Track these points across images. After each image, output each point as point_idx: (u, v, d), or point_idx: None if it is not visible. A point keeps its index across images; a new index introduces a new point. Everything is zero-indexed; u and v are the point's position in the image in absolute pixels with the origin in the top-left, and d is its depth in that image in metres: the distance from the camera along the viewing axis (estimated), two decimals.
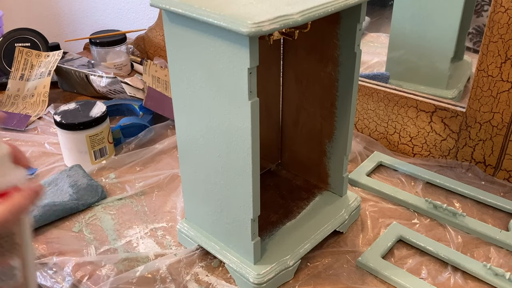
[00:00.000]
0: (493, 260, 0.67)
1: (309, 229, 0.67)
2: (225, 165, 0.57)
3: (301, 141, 0.76)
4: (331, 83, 0.66)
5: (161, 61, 1.24)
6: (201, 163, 0.61)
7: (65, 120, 0.82)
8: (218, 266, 0.65)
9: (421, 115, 0.87)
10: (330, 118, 0.69)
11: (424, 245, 0.68)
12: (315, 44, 0.66)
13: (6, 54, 1.16)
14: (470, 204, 0.78)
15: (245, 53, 0.47)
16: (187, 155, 0.63)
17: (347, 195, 0.74)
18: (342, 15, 0.61)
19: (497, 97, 0.78)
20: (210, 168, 0.60)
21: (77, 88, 1.14)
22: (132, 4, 1.38)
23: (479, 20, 0.93)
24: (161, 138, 0.95)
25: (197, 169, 0.62)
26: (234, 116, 0.52)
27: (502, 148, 0.81)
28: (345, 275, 0.64)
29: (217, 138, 0.56)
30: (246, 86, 0.49)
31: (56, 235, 0.72)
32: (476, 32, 0.94)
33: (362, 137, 0.95)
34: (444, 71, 0.93)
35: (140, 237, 0.71)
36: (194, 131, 0.59)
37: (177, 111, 0.61)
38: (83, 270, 0.65)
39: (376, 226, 0.73)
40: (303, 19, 0.48)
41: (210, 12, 0.48)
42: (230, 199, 0.59)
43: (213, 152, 0.58)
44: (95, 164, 0.86)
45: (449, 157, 0.87)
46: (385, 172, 0.86)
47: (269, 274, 0.60)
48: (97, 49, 1.16)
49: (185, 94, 0.58)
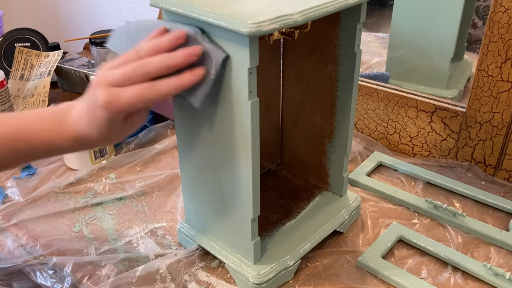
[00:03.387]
0: (493, 260, 0.66)
1: (309, 229, 0.67)
2: (225, 165, 0.57)
3: (301, 141, 0.76)
4: (331, 83, 0.66)
5: None
6: (201, 163, 0.61)
7: None
8: (218, 266, 0.65)
9: (421, 115, 0.87)
10: (330, 118, 0.69)
11: (424, 245, 0.68)
12: (315, 44, 0.66)
13: (6, 54, 1.16)
14: (470, 204, 0.78)
15: (245, 53, 0.47)
16: (187, 155, 0.63)
17: (347, 195, 0.73)
18: (342, 15, 0.61)
19: (497, 97, 0.78)
20: (210, 168, 0.60)
21: (77, 88, 1.14)
22: (132, 4, 1.38)
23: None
24: (161, 138, 0.95)
25: (197, 169, 0.62)
26: (234, 116, 0.52)
27: (502, 148, 0.81)
28: (345, 275, 0.64)
29: (217, 138, 0.56)
30: (246, 86, 0.49)
31: (56, 235, 0.72)
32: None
33: (362, 137, 0.95)
34: (444, 71, 0.93)
35: (140, 237, 0.71)
36: (194, 131, 0.59)
37: (177, 111, 0.61)
38: (83, 270, 0.65)
39: (376, 226, 0.73)
40: (303, 19, 0.48)
41: (210, 12, 0.48)
42: (230, 199, 0.59)
43: (213, 152, 0.58)
44: (95, 164, 0.86)
45: (449, 157, 0.87)
46: (385, 172, 0.86)
47: (269, 274, 0.60)
48: (97, 49, 1.16)
49: None
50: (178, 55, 0.49)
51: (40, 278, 0.66)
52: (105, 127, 0.51)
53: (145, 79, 0.49)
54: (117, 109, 0.50)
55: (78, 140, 0.53)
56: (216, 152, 0.58)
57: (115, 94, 0.49)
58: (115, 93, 0.49)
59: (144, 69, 0.49)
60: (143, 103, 0.50)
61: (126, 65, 0.50)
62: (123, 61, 0.51)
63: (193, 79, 0.49)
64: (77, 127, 0.53)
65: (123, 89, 0.49)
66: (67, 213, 0.76)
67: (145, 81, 0.49)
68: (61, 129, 0.53)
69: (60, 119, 0.54)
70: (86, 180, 0.84)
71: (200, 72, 0.49)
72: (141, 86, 0.49)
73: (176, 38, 0.50)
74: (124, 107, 0.49)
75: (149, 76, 0.49)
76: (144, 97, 0.49)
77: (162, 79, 0.49)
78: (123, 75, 0.49)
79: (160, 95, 0.50)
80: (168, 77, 0.49)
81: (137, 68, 0.49)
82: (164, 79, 0.49)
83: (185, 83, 0.49)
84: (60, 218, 0.75)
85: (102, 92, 0.49)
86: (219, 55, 0.50)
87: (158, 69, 0.49)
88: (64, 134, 0.53)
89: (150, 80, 0.49)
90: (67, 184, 0.82)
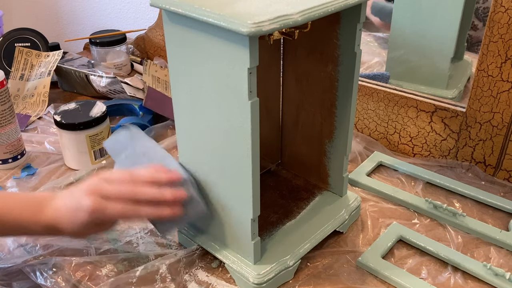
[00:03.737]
0: (493, 260, 0.66)
1: (309, 229, 0.67)
2: (225, 165, 0.57)
3: (301, 141, 0.76)
4: (331, 83, 0.66)
5: (161, 61, 1.24)
6: (201, 163, 0.61)
7: (65, 120, 0.82)
8: (218, 266, 0.65)
9: (421, 115, 0.87)
10: (330, 118, 0.69)
11: (424, 245, 0.68)
12: (315, 44, 0.66)
13: (6, 54, 1.16)
14: (470, 204, 0.78)
15: (245, 53, 0.47)
16: (187, 155, 0.63)
17: (347, 195, 0.73)
18: (342, 15, 0.61)
19: (497, 97, 0.78)
20: (210, 168, 0.60)
21: (77, 88, 1.14)
22: (132, 4, 1.38)
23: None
24: (161, 138, 0.95)
25: (197, 169, 0.62)
26: (234, 116, 0.52)
27: (502, 148, 0.81)
28: (345, 275, 0.64)
29: (217, 138, 0.56)
30: (246, 86, 0.49)
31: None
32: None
33: (362, 137, 0.94)
34: (444, 71, 0.93)
35: (140, 237, 0.71)
36: (194, 131, 0.59)
37: (177, 111, 0.61)
38: (83, 270, 0.65)
39: (376, 226, 0.73)
40: (303, 19, 0.48)
41: (210, 12, 0.48)
42: (230, 199, 0.59)
43: (213, 152, 0.58)
44: (95, 164, 0.86)
45: (449, 157, 0.87)
46: (385, 172, 0.86)
47: (269, 274, 0.60)
48: (97, 49, 1.16)
49: (185, 94, 0.58)
50: (168, 194, 0.56)
51: (40, 278, 0.66)
52: (81, 227, 0.57)
53: (131, 202, 0.56)
54: (100, 218, 0.56)
55: (51, 229, 0.59)
56: (216, 152, 0.58)
57: (103, 205, 0.55)
58: (103, 204, 0.55)
59: (136, 196, 0.56)
60: (123, 220, 0.61)
61: (122, 184, 0.57)
62: (119, 179, 0.57)
63: (170, 215, 0.57)
64: (54, 218, 0.58)
65: (112, 204, 0.56)
66: None
67: (131, 203, 0.56)
68: (38, 216, 0.58)
69: (40, 207, 0.59)
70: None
71: (178, 213, 0.57)
72: (126, 206, 0.56)
73: (173, 180, 0.58)
74: (107, 218, 0.56)
75: (137, 201, 0.56)
76: (126, 215, 0.57)
77: (145, 205, 0.57)
78: (116, 194, 0.56)
79: (139, 217, 0.60)
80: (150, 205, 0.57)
81: (131, 193, 0.56)
82: (148, 206, 0.57)
83: (163, 216, 0.57)
84: None
85: (93, 200, 0.55)
86: (200, 206, 0.59)
87: (147, 200, 0.56)
88: (39, 221, 0.58)
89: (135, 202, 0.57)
90: (67, 184, 0.82)
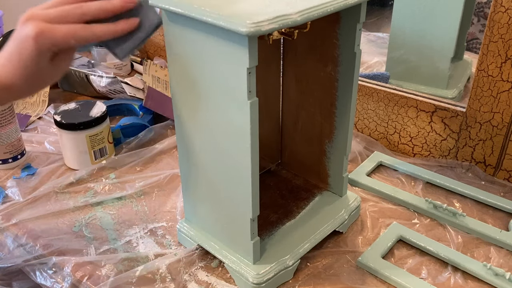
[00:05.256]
0: (493, 260, 0.66)
1: (309, 229, 0.67)
2: (224, 165, 0.57)
3: (301, 141, 0.76)
4: (331, 83, 0.66)
5: (161, 61, 1.24)
6: (200, 163, 0.61)
7: (65, 120, 0.82)
8: (218, 266, 0.65)
9: (421, 115, 0.87)
10: (330, 118, 0.69)
11: (424, 245, 0.68)
12: (315, 44, 0.66)
13: None
14: (470, 204, 0.78)
15: (244, 53, 0.47)
16: (187, 155, 0.63)
17: (347, 195, 0.73)
18: (342, 15, 0.61)
19: (497, 97, 0.78)
20: (210, 168, 0.60)
21: (77, 88, 1.14)
22: None
23: None
24: (161, 138, 0.95)
25: (197, 169, 0.62)
26: (233, 116, 0.52)
27: (502, 148, 0.81)
28: (345, 275, 0.64)
29: (216, 138, 0.56)
30: (245, 86, 0.49)
31: (56, 235, 0.72)
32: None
33: (362, 137, 0.94)
34: (444, 71, 0.93)
35: (140, 237, 0.71)
36: (194, 131, 0.59)
37: (177, 111, 0.61)
38: (83, 270, 0.65)
39: (376, 226, 0.73)
40: (302, 19, 0.48)
41: (209, 12, 0.48)
42: (230, 199, 0.59)
43: (213, 152, 0.58)
44: (95, 164, 0.86)
45: (449, 157, 0.87)
46: (385, 172, 0.86)
47: (268, 274, 0.60)
48: (97, 49, 1.16)
49: (185, 94, 0.58)
50: (117, 1, 0.52)
51: (40, 278, 0.66)
52: (31, 65, 0.51)
53: (80, 21, 0.51)
54: (49, 41, 0.50)
55: (1, 88, 0.52)
56: (216, 152, 0.58)
57: (49, 27, 0.50)
58: (49, 26, 0.50)
59: (82, 10, 0.51)
60: (76, 41, 0.51)
61: (63, 6, 0.52)
62: (59, 2, 0.52)
63: (126, 27, 0.53)
64: (0, 73, 0.52)
65: (58, 25, 0.50)
66: (67, 213, 0.76)
67: (81, 22, 0.51)
68: None
69: None
70: (86, 180, 0.84)
71: (134, 22, 0.53)
72: (76, 25, 0.51)
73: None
74: (57, 40, 0.50)
75: (85, 18, 0.52)
76: (78, 35, 0.51)
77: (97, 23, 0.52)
78: (59, 13, 0.51)
79: (94, 36, 0.52)
80: (103, 23, 0.52)
81: (74, 9, 0.51)
82: (100, 23, 0.52)
83: (118, 29, 0.53)
84: (60, 218, 0.75)
85: (35, 24, 0.50)
86: (155, 17, 0.55)
87: (95, 11, 0.52)
88: None
89: (86, 23, 0.52)
90: (67, 184, 0.82)
